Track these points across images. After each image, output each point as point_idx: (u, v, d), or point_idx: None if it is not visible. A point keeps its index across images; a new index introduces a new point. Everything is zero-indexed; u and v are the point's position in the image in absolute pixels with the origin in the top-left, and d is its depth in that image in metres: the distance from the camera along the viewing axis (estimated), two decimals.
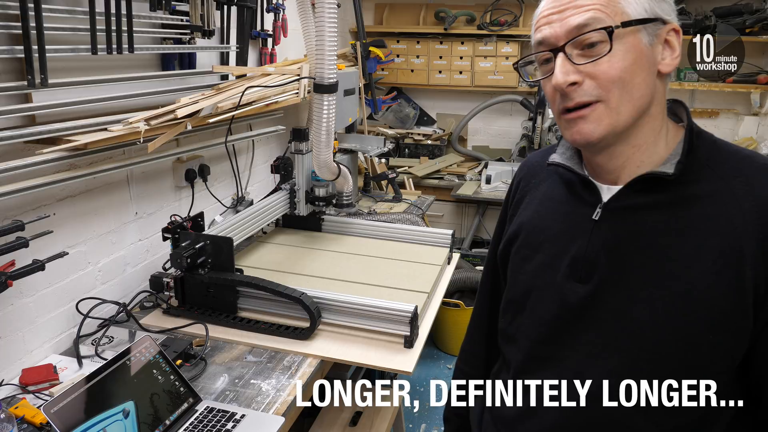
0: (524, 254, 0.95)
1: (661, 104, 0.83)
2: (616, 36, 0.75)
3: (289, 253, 2.17)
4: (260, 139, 2.59)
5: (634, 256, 0.81)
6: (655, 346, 0.79)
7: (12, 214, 1.42)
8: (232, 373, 1.51)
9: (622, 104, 0.78)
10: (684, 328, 0.77)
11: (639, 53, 0.77)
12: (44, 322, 1.57)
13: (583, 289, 0.84)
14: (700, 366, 0.79)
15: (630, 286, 0.81)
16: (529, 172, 1.02)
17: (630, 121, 0.79)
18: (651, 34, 0.78)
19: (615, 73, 0.76)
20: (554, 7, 0.80)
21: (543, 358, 0.90)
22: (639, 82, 0.78)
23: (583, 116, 0.79)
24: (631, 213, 0.83)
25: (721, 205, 0.78)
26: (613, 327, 0.82)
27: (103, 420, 1.18)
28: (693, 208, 0.79)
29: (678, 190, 0.80)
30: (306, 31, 2.14)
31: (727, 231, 0.76)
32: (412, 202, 3.02)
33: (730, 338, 0.77)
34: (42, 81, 1.37)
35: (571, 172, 0.90)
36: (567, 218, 0.90)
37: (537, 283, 0.91)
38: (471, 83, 3.86)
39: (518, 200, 1.01)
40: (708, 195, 0.79)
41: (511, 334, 0.97)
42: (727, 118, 3.62)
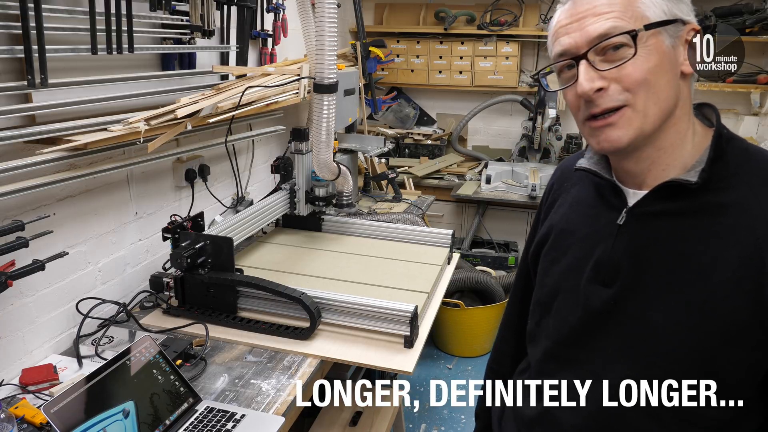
0: (552, 256, 0.95)
1: (686, 106, 0.83)
2: (640, 39, 0.76)
3: (289, 253, 2.17)
4: (260, 139, 2.60)
5: (656, 262, 0.81)
6: (670, 353, 0.79)
7: (12, 214, 1.42)
8: (232, 373, 1.51)
9: (649, 107, 0.77)
10: (699, 336, 0.77)
11: (662, 55, 0.77)
12: (44, 322, 1.57)
13: (606, 293, 0.84)
14: (715, 377, 0.78)
15: (649, 292, 0.81)
16: (562, 176, 1.03)
17: (657, 123, 0.79)
18: (672, 35, 0.78)
19: (640, 75, 0.76)
20: (572, 16, 0.80)
21: (564, 359, 0.91)
22: (663, 84, 0.78)
23: (611, 123, 0.79)
24: (655, 219, 0.82)
25: (746, 214, 0.77)
26: (632, 331, 0.82)
27: (103, 420, 1.18)
28: (717, 217, 0.78)
29: (703, 197, 0.79)
30: (306, 31, 2.14)
31: (750, 242, 0.75)
32: (412, 202, 3.02)
33: (749, 351, 0.76)
34: (42, 81, 1.37)
35: (599, 177, 0.90)
36: (594, 222, 0.90)
37: (563, 286, 0.92)
38: (471, 83, 3.86)
39: (551, 203, 1.02)
40: (733, 204, 0.78)
41: (536, 334, 0.99)
42: (727, 118, 3.62)
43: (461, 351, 3.36)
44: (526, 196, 3.41)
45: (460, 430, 2.76)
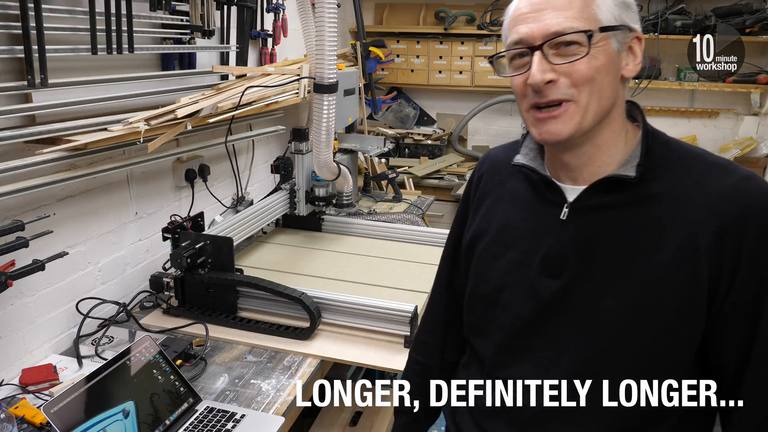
0: (495, 252, 0.98)
1: (621, 107, 0.89)
2: (593, 39, 0.80)
3: (289, 253, 2.17)
4: (260, 139, 2.59)
5: (601, 252, 0.86)
6: (623, 333, 0.84)
7: (12, 214, 1.42)
8: (232, 373, 1.51)
9: (591, 104, 0.83)
10: (649, 317, 0.83)
11: (609, 57, 0.82)
12: (44, 322, 1.57)
13: (555, 284, 0.89)
14: (665, 353, 0.84)
15: (599, 280, 0.86)
16: (491, 168, 1.05)
17: (595, 120, 0.84)
18: (619, 41, 0.84)
19: (589, 73, 0.81)
20: (532, 5, 0.83)
21: (518, 349, 0.94)
22: (606, 84, 0.83)
23: (555, 116, 0.84)
24: (595, 212, 0.88)
25: (676, 202, 0.83)
26: (584, 318, 0.87)
27: (103, 420, 1.18)
28: (652, 206, 0.84)
29: (637, 189, 0.85)
30: (306, 31, 2.14)
31: (683, 226, 0.82)
32: (412, 202, 3.02)
33: (692, 327, 0.82)
34: (42, 81, 1.37)
35: (535, 173, 0.94)
36: (536, 217, 0.94)
37: (510, 280, 0.95)
38: (471, 83, 3.86)
39: (481, 195, 1.04)
40: (665, 193, 0.84)
41: (482, 328, 1.00)
42: (727, 118, 3.62)
43: None
44: None
45: None
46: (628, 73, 0.86)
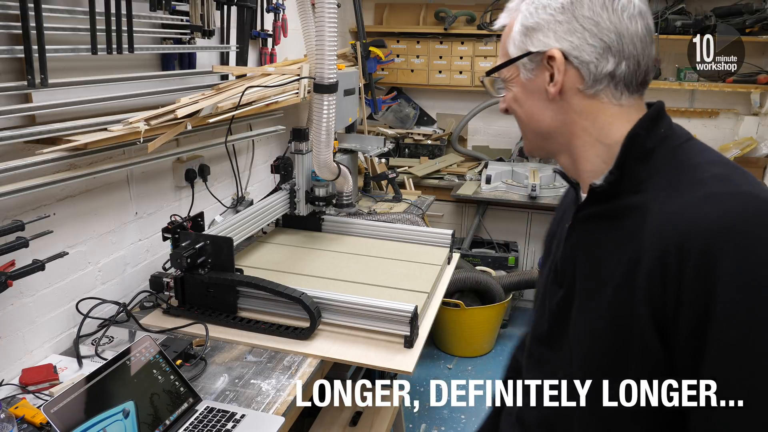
0: (543, 260, 1.02)
1: (587, 120, 0.81)
2: (501, 75, 0.87)
3: (289, 253, 2.17)
4: (260, 139, 2.60)
5: (583, 265, 0.83)
6: (587, 355, 0.80)
7: (12, 214, 1.42)
8: (232, 373, 1.51)
9: (527, 129, 0.88)
10: (606, 340, 0.76)
11: (522, 86, 0.85)
12: (44, 322, 1.57)
13: (559, 294, 0.88)
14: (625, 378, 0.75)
15: (578, 295, 0.83)
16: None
17: (540, 140, 0.88)
18: (527, 68, 0.84)
19: (506, 105, 0.89)
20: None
21: (536, 358, 0.95)
22: (535, 109, 0.85)
23: None
24: (585, 222, 0.85)
25: (643, 216, 0.74)
26: (572, 333, 0.84)
27: (103, 420, 1.18)
28: (622, 220, 0.77)
29: (614, 201, 0.79)
30: (306, 31, 2.14)
31: (634, 244, 0.73)
32: (412, 202, 3.02)
33: (646, 358, 0.72)
34: (42, 81, 1.37)
35: (564, 177, 0.94)
36: (562, 224, 0.95)
37: (541, 288, 0.97)
38: (471, 83, 3.86)
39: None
40: (638, 206, 0.75)
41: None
42: (727, 118, 3.62)
43: (461, 351, 3.36)
44: (526, 196, 3.40)
45: (460, 430, 2.76)
46: (551, 92, 0.81)
